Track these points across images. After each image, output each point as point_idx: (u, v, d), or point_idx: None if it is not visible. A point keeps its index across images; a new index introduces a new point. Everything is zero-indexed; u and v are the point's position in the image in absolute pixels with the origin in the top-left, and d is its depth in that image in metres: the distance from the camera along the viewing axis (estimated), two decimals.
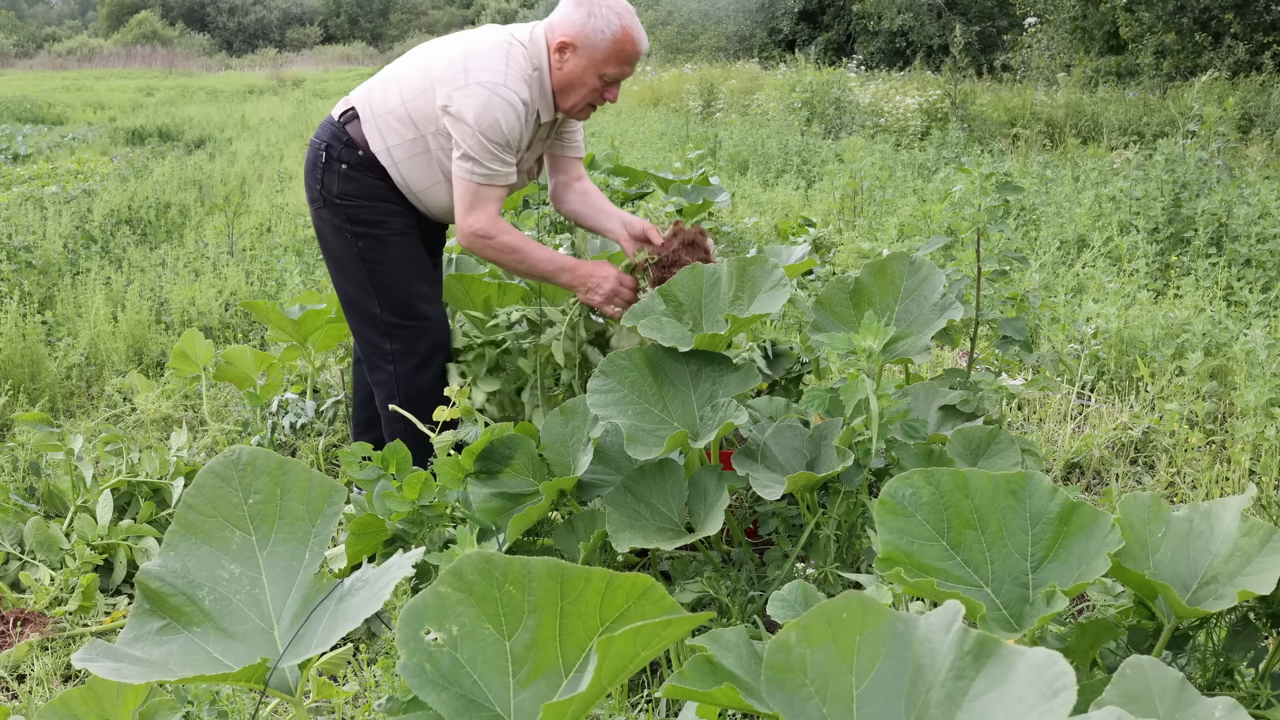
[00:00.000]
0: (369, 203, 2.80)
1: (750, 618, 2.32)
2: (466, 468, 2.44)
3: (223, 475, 1.64)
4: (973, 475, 1.76)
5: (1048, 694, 1.02)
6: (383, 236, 2.82)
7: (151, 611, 1.54)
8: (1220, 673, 1.88)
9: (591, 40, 2.64)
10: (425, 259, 2.92)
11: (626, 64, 2.70)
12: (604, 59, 2.66)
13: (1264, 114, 9.99)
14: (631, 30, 2.67)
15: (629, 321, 2.66)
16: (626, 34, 2.66)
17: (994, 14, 17.09)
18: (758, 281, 2.60)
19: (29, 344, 4.30)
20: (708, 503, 2.30)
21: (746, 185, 8.64)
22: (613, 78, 2.71)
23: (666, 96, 16.84)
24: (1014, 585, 1.73)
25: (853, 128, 11.75)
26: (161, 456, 3.18)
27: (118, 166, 10.64)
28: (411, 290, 2.86)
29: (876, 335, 2.18)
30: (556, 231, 4.96)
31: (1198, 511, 1.85)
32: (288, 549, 1.60)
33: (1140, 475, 3.39)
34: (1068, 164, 8.31)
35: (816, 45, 19.53)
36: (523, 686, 1.31)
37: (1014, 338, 2.82)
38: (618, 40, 2.65)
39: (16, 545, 2.87)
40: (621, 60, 2.68)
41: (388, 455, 2.50)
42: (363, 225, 2.81)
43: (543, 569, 1.30)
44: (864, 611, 1.20)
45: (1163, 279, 5.31)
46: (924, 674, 1.16)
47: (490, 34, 2.77)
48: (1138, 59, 12.51)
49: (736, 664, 1.34)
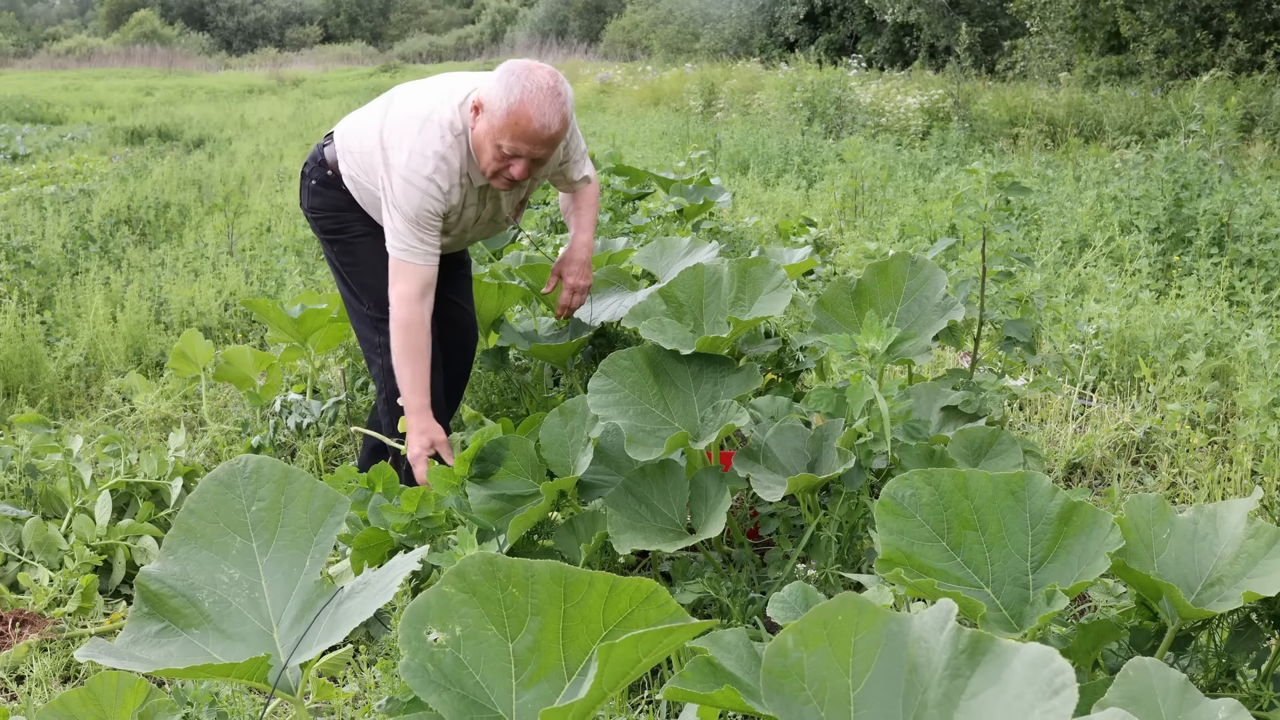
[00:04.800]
0: (332, 213, 2.95)
1: (751, 619, 2.31)
2: (461, 474, 2.43)
3: (227, 482, 1.65)
4: (972, 476, 1.76)
5: (1047, 692, 1.02)
6: (348, 240, 2.95)
7: (150, 614, 1.54)
8: (1222, 674, 1.87)
9: (491, 107, 2.55)
10: None
11: (520, 140, 2.53)
12: (499, 129, 2.54)
13: (1265, 113, 9.98)
14: (529, 108, 2.50)
15: (630, 322, 2.66)
16: (523, 109, 2.50)
17: (996, 13, 17.08)
18: (759, 283, 2.59)
19: (28, 344, 4.30)
20: (709, 504, 2.30)
21: (747, 185, 8.63)
22: (510, 151, 2.56)
23: (667, 96, 16.83)
24: (1014, 585, 1.73)
25: (854, 127, 11.74)
26: (160, 457, 3.18)
27: (117, 166, 10.63)
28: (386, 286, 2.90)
29: (880, 336, 2.18)
30: (557, 231, 4.96)
31: (1203, 513, 1.85)
32: (289, 555, 1.61)
33: (1142, 476, 3.38)
34: (1069, 163, 8.30)
35: (818, 45, 19.53)
36: (525, 688, 1.30)
37: (1018, 339, 2.81)
38: (511, 113, 2.51)
39: (15, 546, 2.87)
40: (515, 135, 2.53)
41: (374, 476, 2.53)
42: (331, 234, 2.97)
43: (546, 571, 1.30)
44: (859, 613, 1.20)
45: (1164, 279, 5.30)
46: (920, 674, 1.16)
47: (426, 98, 2.74)
48: (1139, 58, 12.50)
49: (737, 666, 1.33)
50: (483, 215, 2.87)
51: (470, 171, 2.71)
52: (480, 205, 2.84)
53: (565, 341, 3.33)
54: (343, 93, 22.16)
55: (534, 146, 2.56)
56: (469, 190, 2.75)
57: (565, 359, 3.45)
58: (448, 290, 3.14)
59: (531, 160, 2.60)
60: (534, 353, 3.37)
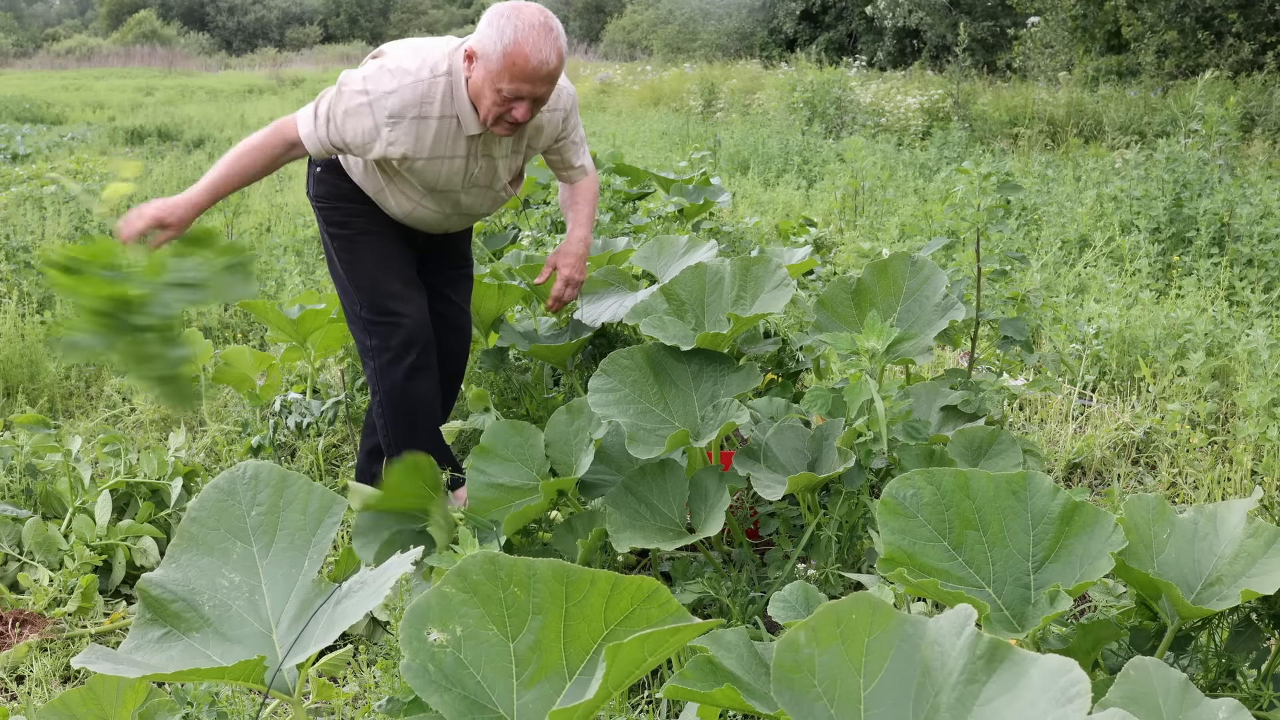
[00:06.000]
0: (336, 203, 2.92)
1: (751, 618, 2.31)
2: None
3: (228, 489, 1.67)
4: (974, 476, 1.76)
5: (1061, 700, 1.02)
6: (351, 236, 2.92)
7: (153, 620, 1.56)
8: (1222, 674, 1.87)
9: (485, 51, 2.55)
10: (399, 257, 2.94)
11: (521, 80, 2.53)
12: (497, 72, 2.54)
13: (1266, 113, 9.98)
14: (524, 45, 2.50)
15: (631, 319, 2.65)
16: (518, 48, 2.50)
17: (998, 13, 17.09)
18: (760, 281, 2.59)
19: (28, 344, 4.30)
20: (709, 503, 2.30)
21: (747, 185, 8.63)
22: (510, 93, 2.55)
23: (667, 96, 16.83)
24: (1016, 586, 1.73)
25: (854, 127, 11.73)
26: (160, 457, 3.18)
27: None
28: (383, 289, 2.90)
29: (880, 336, 2.18)
30: (557, 231, 4.96)
31: (1203, 513, 1.85)
32: (288, 557, 1.63)
33: (1142, 476, 3.38)
34: (1069, 163, 8.30)
35: (818, 44, 19.53)
36: (526, 688, 1.30)
37: (1015, 338, 2.81)
38: (507, 55, 2.50)
39: (15, 546, 2.87)
40: (514, 76, 2.52)
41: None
42: (334, 226, 2.94)
43: (548, 570, 1.30)
44: (873, 613, 1.20)
45: (1164, 279, 5.30)
46: (933, 676, 1.16)
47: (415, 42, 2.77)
48: (1139, 58, 12.49)
49: (737, 665, 1.33)
50: (474, 173, 2.81)
51: (459, 114, 2.68)
52: (470, 159, 2.77)
53: (565, 342, 3.33)
54: None
55: (535, 85, 2.56)
56: (452, 137, 2.70)
57: (565, 359, 3.45)
58: (447, 290, 3.14)
59: (533, 100, 2.60)
60: (534, 353, 3.37)
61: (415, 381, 2.91)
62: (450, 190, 2.82)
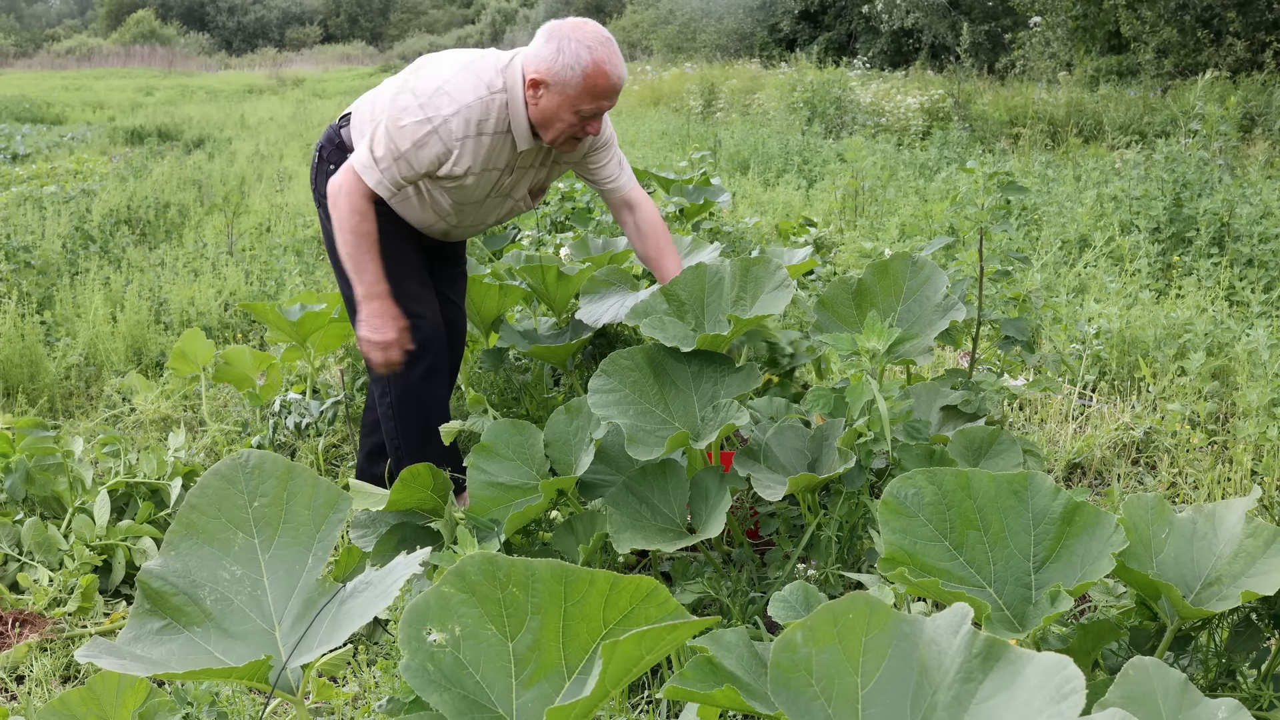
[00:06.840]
0: None
1: (751, 618, 2.31)
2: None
3: (229, 478, 1.63)
4: (975, 475, 1.76)
5: (1056, 697, 1.02)
6: None
7: (152, 611, 1.53)
8: (1222, 674, 1.87)
9: (561, 78, 2.54)
10: (413, 258, 2.92)
11: (602, 98, 2.57)
12: (576, 96, 2.56)
13: (1265, 113, 9.98)
14: (604, 64, 2.53)
15: (631, 320, 2.65)
16: (598, 68, 2.53)
17: (998, 13, 17.09)
18: (761, 282, 2.59)
19: (28, 344, 4.30)
20: (709, 504, 2.30)
21: (747, 185, 8.63)
22: (589, 113, 2.59)
23: (667, 96, 16.83)
24: (1016, 585, 1.73)
25: (854, 127, 11.73)
26: (160, 457, 3.18)
27: (116, 166, 10.63)
28: (400, 289, 2.87)
29: (881, 336, 2.18)
30: (557, 231, 4.95)
31: (1201, 513, 1.85)
32: (291, 553, 1.60)
33: (1142, 476, 3.38)
34: (1069, 163, 8.30)
35: (818, 44, 19.53)
36: (525, 688, 1.30)
37: (1016, 338, 2.81)
38: (588, 76, 2.52)
39: (14, 546, 2.86)
40: (596, 95, 2.56)
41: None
42: None
43: (546, 570, 1.30)
44: (870, 612, 1.20)
45: (1164, 279, 5.30)
46: (930, 675, 1.16)
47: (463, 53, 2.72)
48: (1139, 58, 12.49)
49: (737, 665, 1.33)
50: (504, 183, 2.80)
51: (514, 130, 2.66)
52: (506, 172, 2.77)
53: (565, 342, 3.33)
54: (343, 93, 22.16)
55: (612, 99, 2.62)
56: (500, 151, 2.69)
57: (565, 359, 3.45)
58: (447, 290, 3.13)
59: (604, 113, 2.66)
60: (534, 353, 3.37)
61: (430, 384, 2.88)
62: (475, 201, 2.82)
